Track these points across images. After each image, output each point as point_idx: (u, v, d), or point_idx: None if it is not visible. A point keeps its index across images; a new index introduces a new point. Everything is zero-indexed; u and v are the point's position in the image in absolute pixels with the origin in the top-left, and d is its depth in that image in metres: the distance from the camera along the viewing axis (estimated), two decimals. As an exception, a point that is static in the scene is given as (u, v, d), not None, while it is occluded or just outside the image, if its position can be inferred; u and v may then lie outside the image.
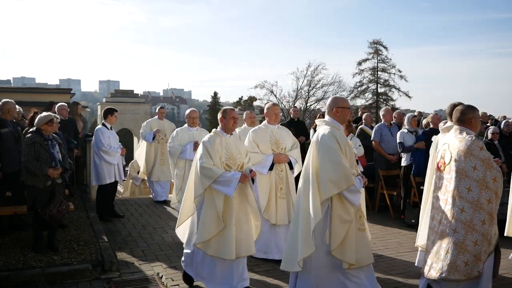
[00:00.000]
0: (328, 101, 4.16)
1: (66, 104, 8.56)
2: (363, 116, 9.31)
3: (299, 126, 10.23)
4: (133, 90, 24.56)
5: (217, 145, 4.39)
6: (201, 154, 4.36)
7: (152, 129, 9.25)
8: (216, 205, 4.24)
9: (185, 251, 4.66)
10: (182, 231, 4.78)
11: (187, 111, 7.41)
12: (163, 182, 9.26)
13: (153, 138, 9.13)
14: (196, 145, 6.58)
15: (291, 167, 5.63)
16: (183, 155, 6.94)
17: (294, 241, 3.99)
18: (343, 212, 3.81)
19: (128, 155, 10.06)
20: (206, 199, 4.33)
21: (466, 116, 4.05)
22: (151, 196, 9.59)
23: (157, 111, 9.53)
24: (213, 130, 4.60)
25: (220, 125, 4.56)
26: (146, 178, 9.70)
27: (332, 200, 3.81)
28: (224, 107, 4.73)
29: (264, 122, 5.76)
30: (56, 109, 8.08)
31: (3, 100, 6.09)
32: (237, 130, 7.03)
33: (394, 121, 8.55)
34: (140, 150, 9.61)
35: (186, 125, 7.25)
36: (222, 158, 4.39)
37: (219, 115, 4.56)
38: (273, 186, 5.45)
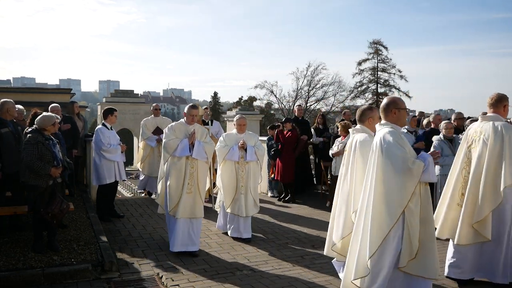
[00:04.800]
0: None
1: (58, 105, 8.35)
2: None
3: (303, 125, 10.15)
4: (133, 90, 24.51)
5: None
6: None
7: (148, 128, 9.13)
8: None
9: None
10: None
11: (236, 118, 6.91)
12: None
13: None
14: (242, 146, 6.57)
15: None
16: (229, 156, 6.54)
17: None
18: None
19: (128, 156, 10.01)
20: None
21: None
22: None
23: (152, 109, 9.45)
24: None
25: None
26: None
27: None
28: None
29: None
30: (49, 111, 7.95)
31: (2, 100, 6.07)
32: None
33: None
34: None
35: (234, 130, 6.86)
36: None
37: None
38: None
